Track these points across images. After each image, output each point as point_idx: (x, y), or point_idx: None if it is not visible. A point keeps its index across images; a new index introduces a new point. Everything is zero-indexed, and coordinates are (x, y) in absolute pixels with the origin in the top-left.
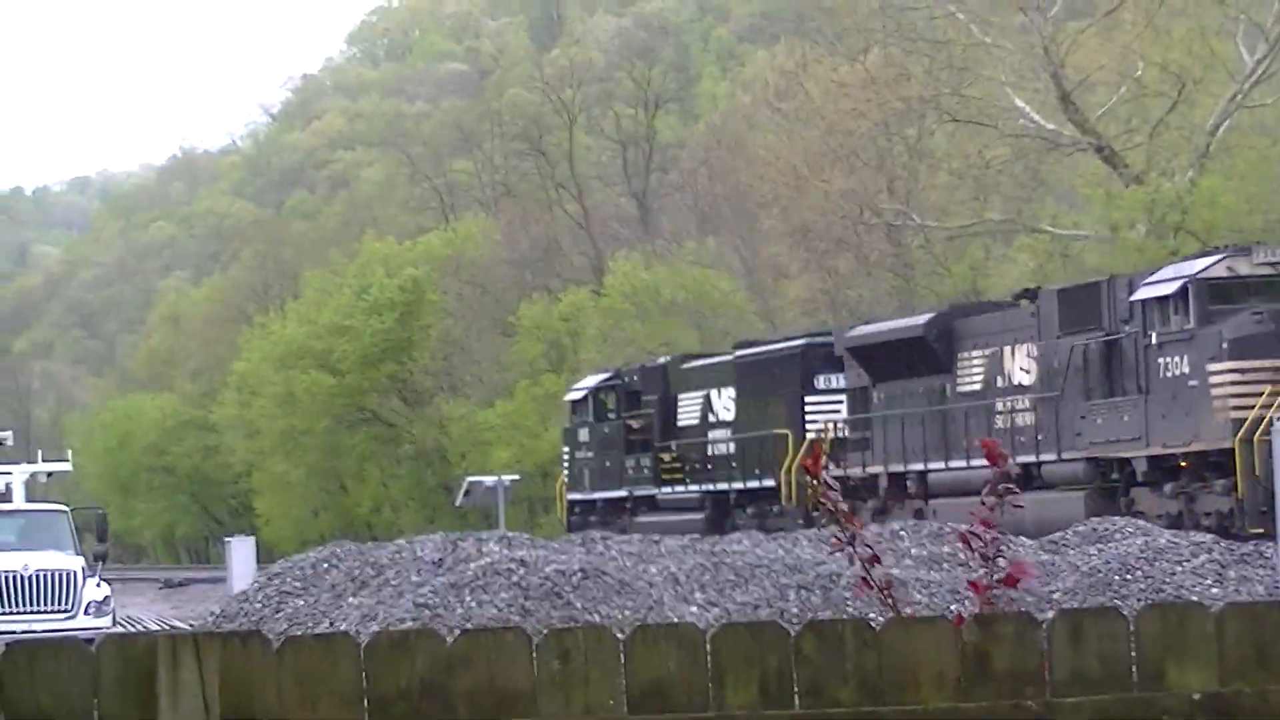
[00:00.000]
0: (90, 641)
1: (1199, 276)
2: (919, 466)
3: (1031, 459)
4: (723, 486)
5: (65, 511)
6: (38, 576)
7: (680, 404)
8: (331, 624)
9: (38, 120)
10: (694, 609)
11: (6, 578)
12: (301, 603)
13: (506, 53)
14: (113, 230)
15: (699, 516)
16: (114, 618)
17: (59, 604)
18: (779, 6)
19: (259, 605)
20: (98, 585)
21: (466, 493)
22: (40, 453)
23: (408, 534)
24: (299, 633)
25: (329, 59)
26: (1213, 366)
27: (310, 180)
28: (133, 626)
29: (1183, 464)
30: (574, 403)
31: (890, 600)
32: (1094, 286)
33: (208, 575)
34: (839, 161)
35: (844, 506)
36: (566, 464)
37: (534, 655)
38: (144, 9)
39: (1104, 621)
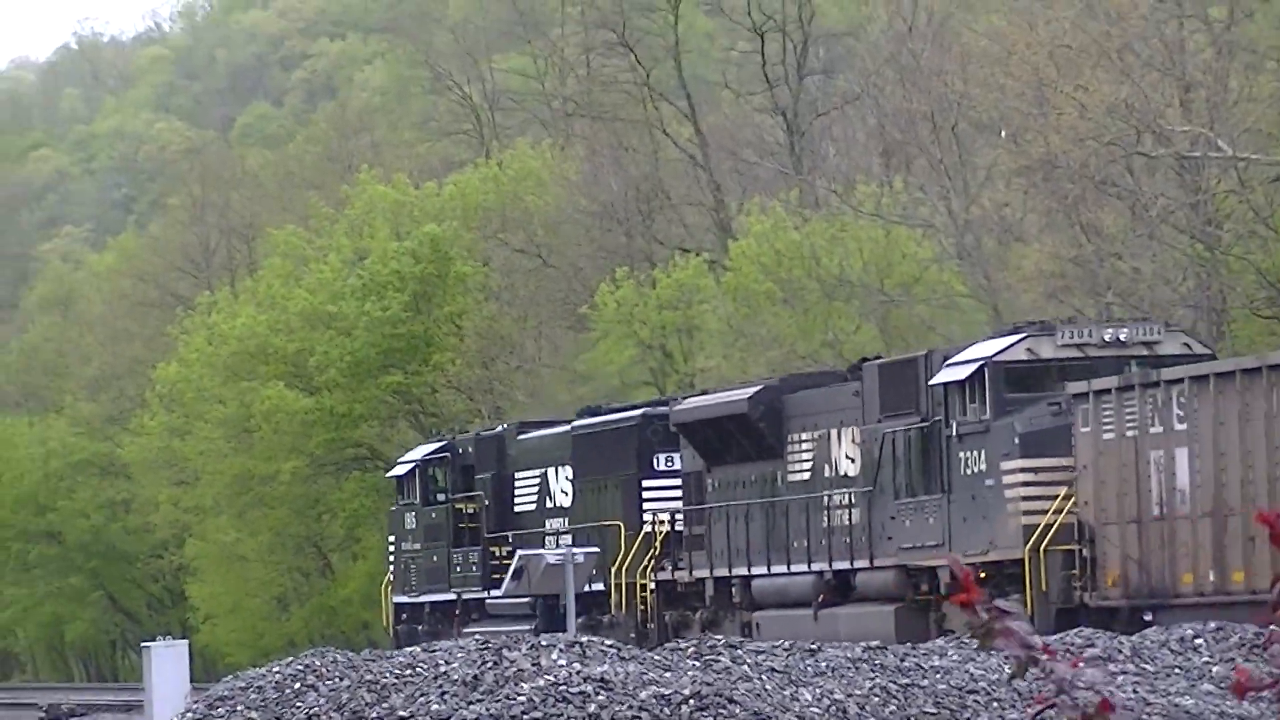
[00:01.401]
0: None
1: (995, 360)
2: (744, 570)
3: (847, 565)
4: (539, 594)
5: None
6: None
7: (517, 484)
8: None
9: None
10: None
11: None
12: None
13: None
14: None
15: (528, 628)
16: None
17: None
18: None
19: None
20: None
21: (516, 574)
22: None
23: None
24: None
25: None
26: (1005, 465)
27: (275, 86)
28: None
29: (983, 575)
30: (399, 479)
31: None
32: (911, 363)
33: (114, 700)
34: (1104, 59)
35: (1035, 642)
36: (391, 557)
37: None
38: None
39: None
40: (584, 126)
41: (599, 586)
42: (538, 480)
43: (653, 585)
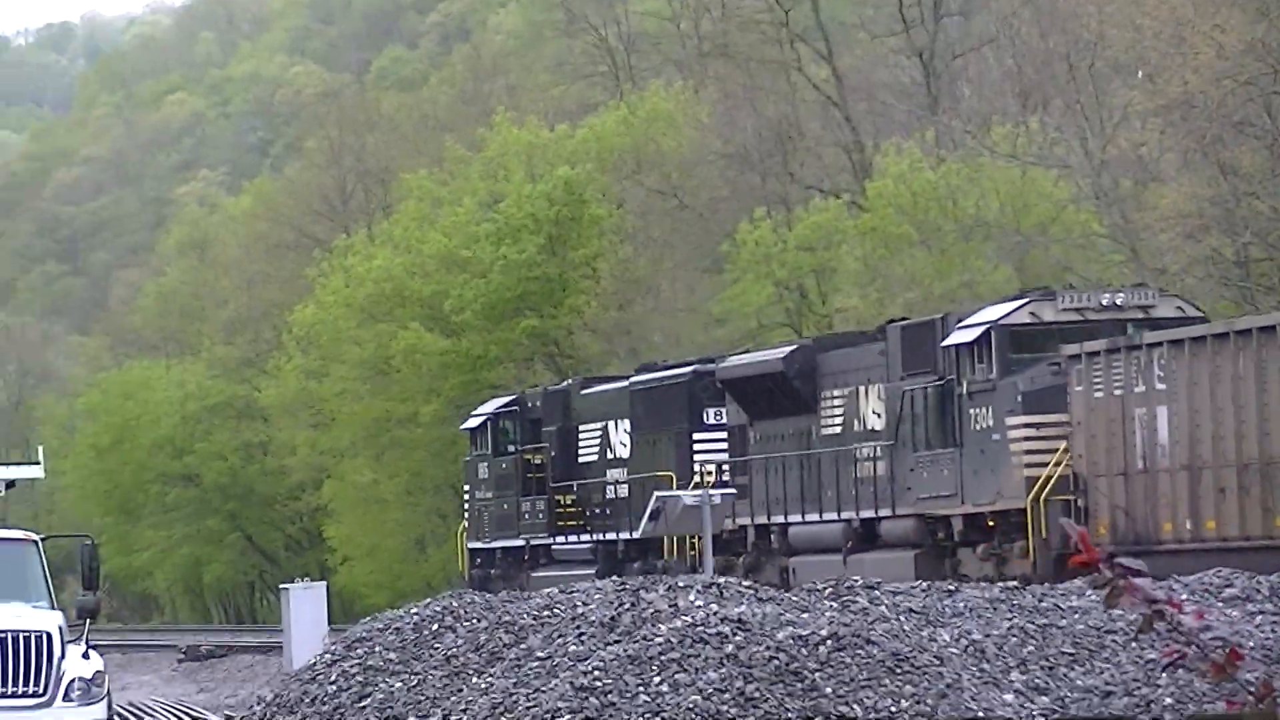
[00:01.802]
0: None
1: (1000, 323)
2: (781, 519)
3: (871, 514)
4: (610, 537)
5: (35, 542)
6: None
7: (581, 437)
8: (446, 718)
9: None
10: (1009, 697)
11: None
12: (399, 684)
13: None
14: (105, 107)
15: (590, 572)
16: (109, 704)
17: (26, 683)
18: None
19: (333, 688)
20: (84, 655)
21: (654, 514)
22: None
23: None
24: None
25: None
26: (1010, 420)
27: (409, 29)
28: (138, 719)
29: (990, 524)
30: (472, 432)
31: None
32: (929, 325)
33: (253, 641)
34: None
35: (1160, 596)
36: (466, 505)
37: None
38: None
39: None
40: (718, 68)
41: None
42: (599, 433)
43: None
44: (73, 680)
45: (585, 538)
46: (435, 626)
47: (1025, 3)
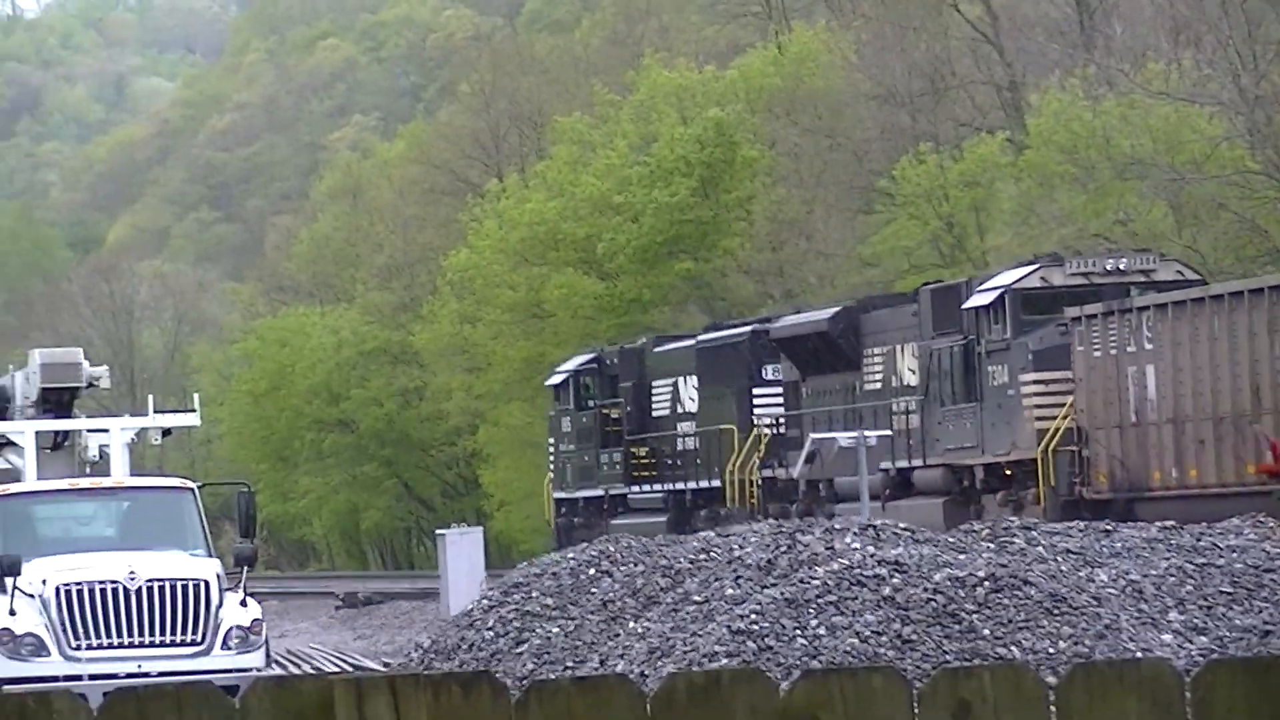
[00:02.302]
0: (233, 689)
1: (1014, 287)
2: (817, 477)
3: (906, 464)
4: (679, 486)
5: (192, 490)
6: (150, 590)
7: (654, 392)
8: (603, 662)
9: None
10: (1167, 637)
11: (104, 592)
12: (556, 629)
13: None
14: (257, 53)
15: (662, 519)
16: (267, 652)
17: (184, 631)
18: None
19: (490, 634)
20: (242, 603)
21: (810, 457)
22: (151, 399)
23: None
24: (553, 676)
25: None
26: (1023, 377)
27: None
28: (297, 666)
29: (1007, 472)
30: (555, 388)
31: None
32: (955, 289)
33: (410, 588)
34: None
35: None
36: (551, 457)
37: (915, 709)
38: None
39: None
40: (869, 7)
41: (716, 483)
42: (670, 388)
43: (759, 481)
44: (230, 628)
45: (658, 487)
46: (592, 571)
47: None
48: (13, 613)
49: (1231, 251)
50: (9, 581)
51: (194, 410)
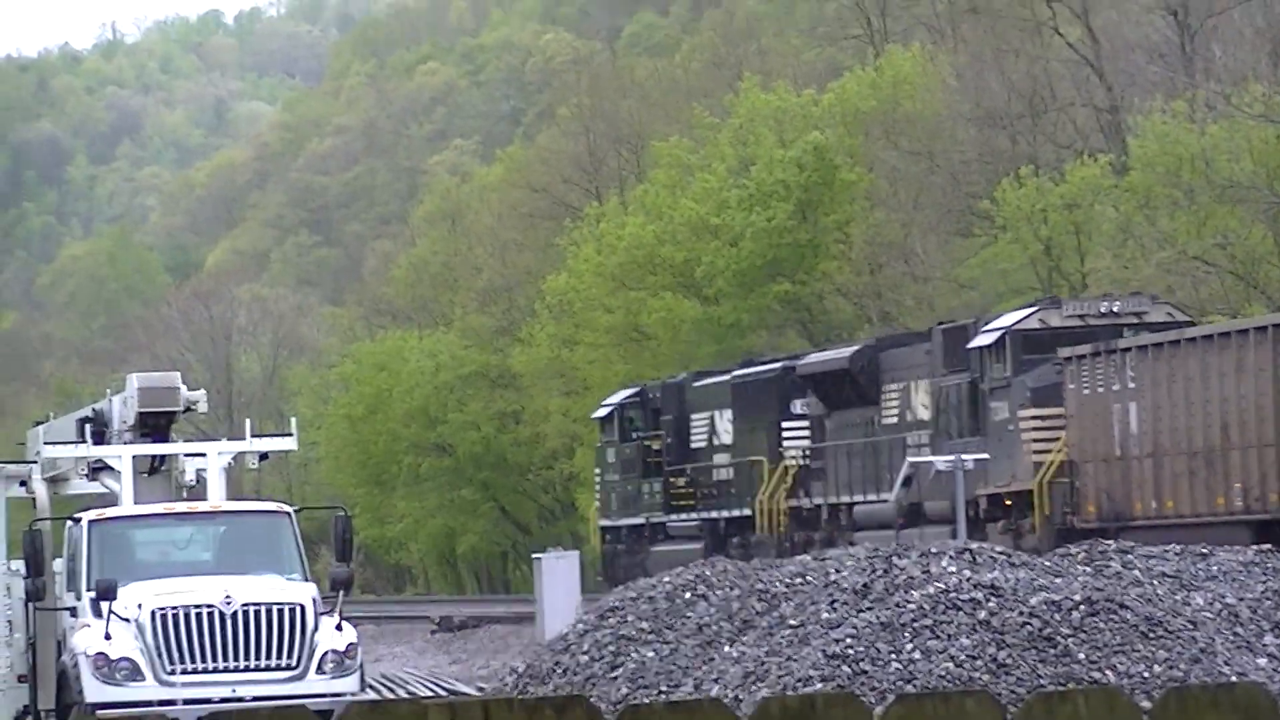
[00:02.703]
0: (328, 714)
1: (1014, 329)
2: (847, 498)
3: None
4: (713, 515)
5: (288, 514)
6: (246, 614)
7: (693, 424)
8: (698, 686)
9: None
10: (1263, 661)
11: (199, 616)
12: (651, 653)
13: None
14: (357, 76)
15: (698, 546)
16: (362, 677)
17: (279, 655)
18: None
19: (586, 658)
20: (338, 627)
21: (906, 480)
22: (249, 423)
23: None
24: (647, 700)
25: None
26: (1021, 413)
27: None
28: (392, 691)
29: (1007, 502)
30: (601, 420)
31: None
32: (963, 329)
33: (506, 611)
34: None
35: None
36: (599, 486)
37: None
38: None
39: None
40: (969, 29)
41: (748, 511)
42: (708, 421)
43: (786, 510)
44: (326, 652)
45: (695, 515)
46: (688, 595)
47: None
48: (108, 637)
49: None
50: (105, 606)
51: (291, 434)
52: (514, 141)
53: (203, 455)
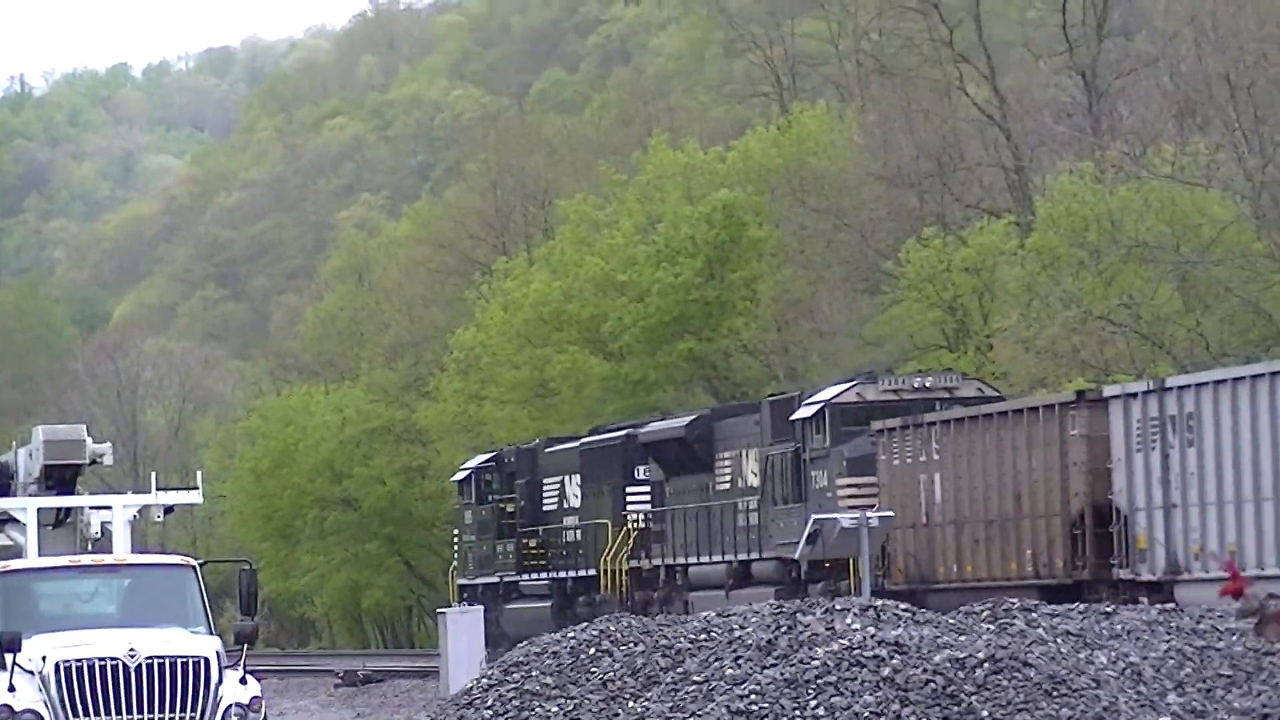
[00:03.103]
0: None
1: (832, 402)
2: (684, 560)
3: (745, 556)
4: (561, 575)
5: (193, 567)
6: (150, 667)
7: (544, 488)
8: None
9: None
10: (1166, 719)
11: (104, 669)
12: (555, 709)
13: None
14: (266, 131)
15: (547, 605)
16: None
17: (183, 709)
18: None
19: (489, 713)
20: (242, 680)
21: (811, 538)
22: (155, 476)
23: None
24: None
25: None
26: (839, 481)
27: (570, 52)
28: None
29: (827, 565)
30: (459, 483)
31: None
32: (789, 401)
33: (410, 666)
34: None
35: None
36: (455, 546)
37: None
38: None
39: None
40: (877, 89)
41: (593, 571)
42: (558, 485)
43: (627, 570)
44: (230, 705)
45: (545, 575)
46: (592, 650)
47: (1187, 23)
48: (12, 689)
49: (1237, 334)
50: (9, 658)
51: (197, 488)
52: (422, 197)
53: (108, 508)
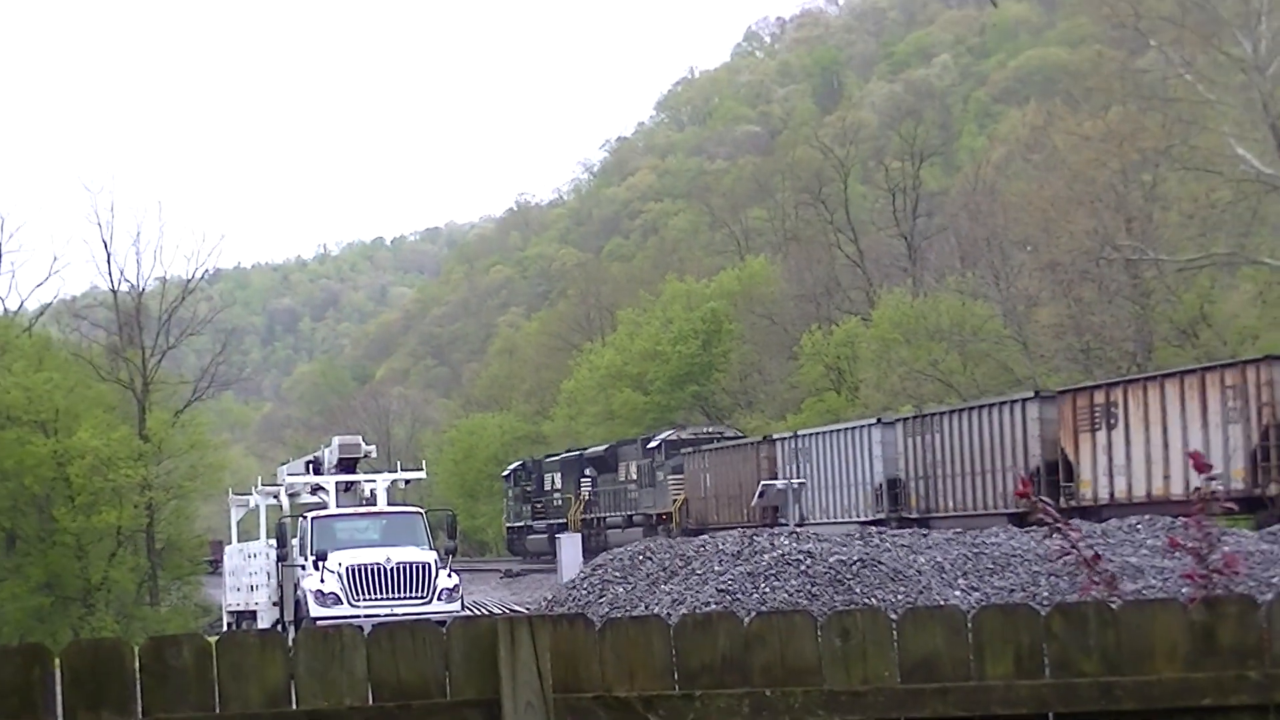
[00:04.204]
0: (442, 624)
1: (665, 439)
2: (603, 515)
3: (630, 514)
4: (551, 521)
5: (420, 513)
6: (398, 568)
7: (545, 480)
8: (646, 608)
9: (399, 180)
10: (958, 593)
11: (373, 569)
12: (621, 590)
13: (794, 115)
14: (459, 273)
15: (545, 537)
16: (462, 603)
17: (416, 592)
18: (1031, 71)
19: (584, 592)
20: (448, 576)
21: (761, 494)
22: (399, 464)
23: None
24: (618, 615)
25: (640, 123)
26: (670, 478)
27: (625, 228)
28: (478, 611)
29: (663, 516)
30: (504, 476)
31: (1112, 590)
32: (647, 440)
33: (542, 567)
34: (1082, 205)
35: (1058, 518)
36: (505, 508)
37: (819, 634)
38: (484, 86)
39: None
40: (793, 246)
41: (563, 520)
42: (551, 478)
43: (580, 521)
44: (442, 589)
45: (544, 522)
46: (640, 558)
47: (963, 207)
48: (322, 580)
49: (993, 379)
50: (321, 564)
51: (422, 470)
52: (544, 308)
53: (374, 481)
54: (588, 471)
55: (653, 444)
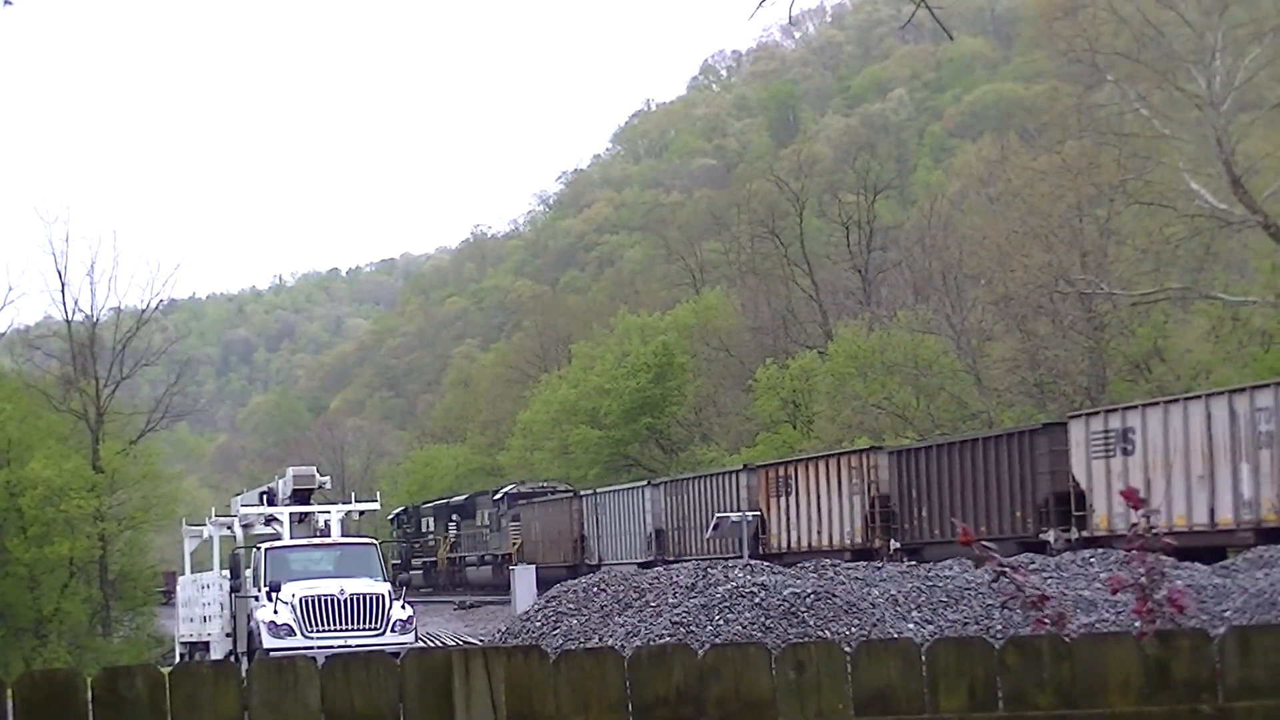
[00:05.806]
0: (396, 655)
1: (508, 492)
2: (463, 554)
3: (484, 554)
4: (425, 560)
5: (375, 544)
6: (352, 600)
7: (422, 523)
8: (600, 640)
9: (354, 211)
10: (911, 625)
11: (326, 601)
12: (575, 622)
13: (749, 149)
14: (414, 305)
15: (423, 573)
16: (416, 635)
17: (370, 623)
18: (986, 105)
19: (539, 624)
20: (402, 607)
21: (715, 526)
22: (353, 495)
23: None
24: (573, 647)
25: (597, 155)
26: (510, 525)
27: (581, 260)
28: (432, 642)
29: (508, 553)
30: (390, 519)
31: (1061, 629)
32: (496, 491)
33: (495, 599)
34: (1037, 239)
35: (1002, 561)
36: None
37: (774, 667)
38: (440, 117)
39: (1270, 636)
40: (748, 280)
41: (434, 559)
42: (427, 522)
43: (447, 560)
44: (396, 621)
45: (419, 560)
46: (594, 590)
47: (917, 241)
48: (276, 612)
49: (949, 413)
50: (274, 595)
51: (377, 501)
52: (500, 340)
53: (328, 512)
54: (454, 517)
55: (498, 496)
